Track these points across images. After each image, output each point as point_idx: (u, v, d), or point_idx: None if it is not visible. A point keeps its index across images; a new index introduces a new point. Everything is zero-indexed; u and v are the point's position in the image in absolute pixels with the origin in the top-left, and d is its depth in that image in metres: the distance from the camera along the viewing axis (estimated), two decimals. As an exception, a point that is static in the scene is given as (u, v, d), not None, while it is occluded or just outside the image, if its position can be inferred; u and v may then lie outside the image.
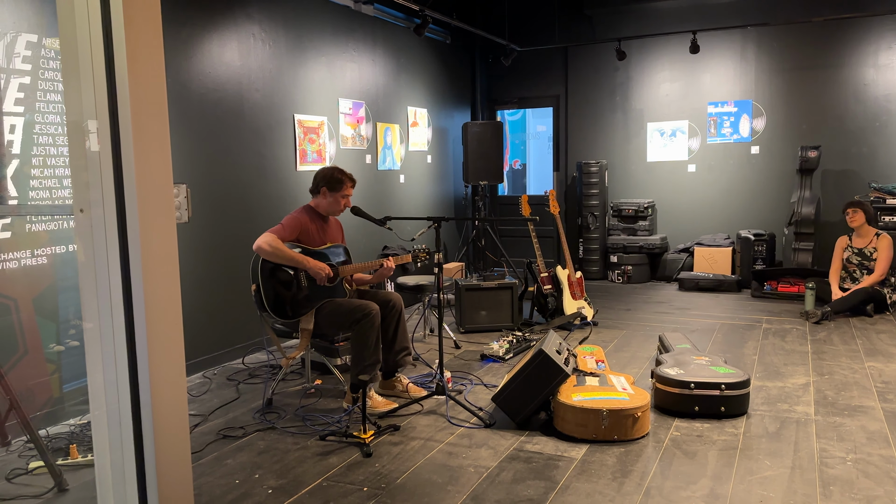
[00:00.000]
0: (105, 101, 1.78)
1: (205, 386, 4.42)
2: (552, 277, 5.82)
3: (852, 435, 3.34)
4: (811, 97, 7.46)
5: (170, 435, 1.89)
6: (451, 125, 8.42)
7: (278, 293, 3.79)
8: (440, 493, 2.86)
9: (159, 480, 1.86)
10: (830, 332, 5.35)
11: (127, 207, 1.76)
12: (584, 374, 3.77)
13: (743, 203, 7.84)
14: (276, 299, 3.78)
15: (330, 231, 4.12)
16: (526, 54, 8.54)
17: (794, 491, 2.79)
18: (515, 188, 10.87)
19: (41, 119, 3.64)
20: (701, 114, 7.94)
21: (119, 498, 1.91)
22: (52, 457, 3.02)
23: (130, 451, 1.86)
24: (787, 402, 3.83)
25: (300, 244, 3.92)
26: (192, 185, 4.65)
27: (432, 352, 4.99)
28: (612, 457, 3.16)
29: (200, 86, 4.77)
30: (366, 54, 6.68)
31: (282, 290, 3.80)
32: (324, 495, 2.86)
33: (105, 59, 1.77)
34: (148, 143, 1.79)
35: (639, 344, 5.15)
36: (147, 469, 1.86)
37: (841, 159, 7.37)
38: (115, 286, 1.80)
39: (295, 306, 3.82)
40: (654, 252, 7.89)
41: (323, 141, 6.04)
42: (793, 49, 7.49)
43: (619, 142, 8.39)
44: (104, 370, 1.89)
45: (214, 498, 2.86)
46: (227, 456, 3.29)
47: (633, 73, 8.23)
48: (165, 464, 1.87)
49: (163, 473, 1.86)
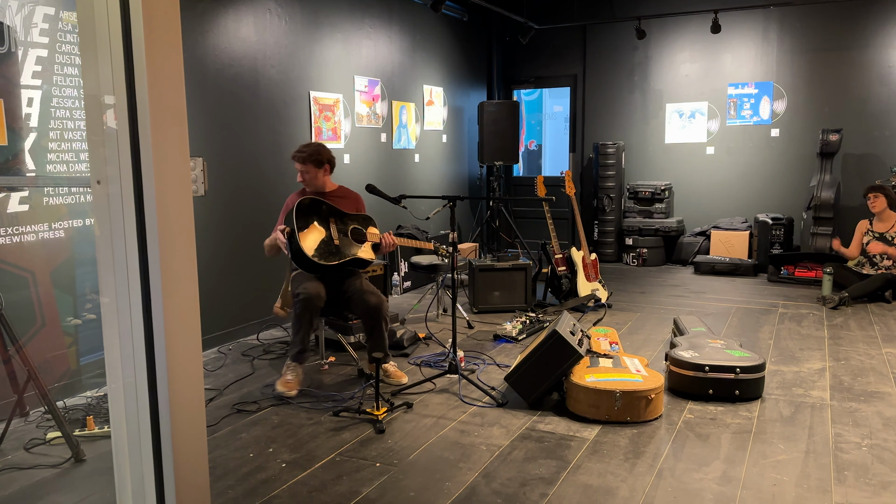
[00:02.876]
0: (122, 75, 1.77)
1: (220, 361, 4.45)
2: (566, 259, 5.79)
3: (868, 420, 3.32)
4: (834, 79, 7.33)
5: (185, 408, 1.90)
6: (467, 104, 8.36)
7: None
8: (452, 469, 2.87)
9: (175, 452, 1.87)
10: (847, 318, 5.30)
11: (144, 180, 1.75)
12: (597, 355, 3.76)
13: (761, 186, 7.74)
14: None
15: (339, 204, 4.07)
16: (544, 32, 8.44)
17: (807, 475, 2.78)
18: (531, 169, 10.81)
19: (58, 93, 3.65)
20: (721, 95, 7.83)
21: (135, 468, 1.93)
22: (69, 428, 3.06)
23: (147, 423, 1.87)
24: (802, 386, 3.80)
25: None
26: (208, 161, 4.66)
27: (445, 331, 5.00)
28: (625, 438, 3.16)
29: (216, 61, 4.76)
30: (382, 31, 6.63)
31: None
32: (337, 470, 2.88)
33: (122, 33, 1.76)
34: (165, 116, 1.78)
35: (653, 327, 5.13)
36: (163, 441, 1.88)
37: (863, 143, 7.25)
38: (132, 259, 1.80)
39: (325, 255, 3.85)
40: (671, 235, 7.83)
41: (338, 119, 6.02)
42: (816, 30, 7.35)
43: (636, 123, 8.30)
44: (121, 343, 1.90)
45: (229, 471, 2.89)
46: (241, 430, 3.32)
47: (653, 53, 8.12)
48: (181, 436, 1.89)
49: (178, 445, 1.88)
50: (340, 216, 3.99)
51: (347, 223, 4.00)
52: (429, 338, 4.84)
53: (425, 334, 4.87)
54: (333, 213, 3.97)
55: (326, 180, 4.06)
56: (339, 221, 3.98)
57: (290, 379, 3.78)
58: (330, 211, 3.96)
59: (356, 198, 4.20)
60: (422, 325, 5.13)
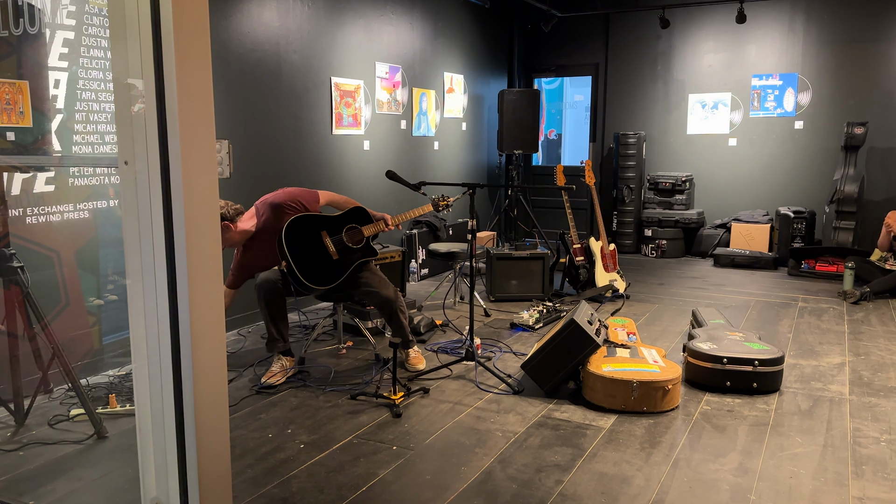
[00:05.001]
0: (151, 57, 1.79)
1: (239, 343, 4.50)
2: (585, 249, 5.78)
3: (887, 416, 3.30)
4: (860, 72, 7.22)
5: (208, 388, 1.93)
6: (487, 92, 8.33)
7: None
8: (468, 454, 2.89)
9: (198, 430, 1.91)
10: (868, 313, 5.25)
11: (171, 161, 1.78)
12: (614, 345, 3.76)
13: (784, 179, 7.66)
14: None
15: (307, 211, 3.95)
16: (566, 20, 8.38)
17: (825, 468, 2.77)
18: (550, 158, 10.77)
19: (84, 74, 3.68)
20: (744, 86, 7.74)
21: (158, 446, 1.97)
22: (92, 405, 3.12)
23: (171, 402, 1.91)
24: (821, 380, 3.78)
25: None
26: (231, 144, 4.69)
27: (462, 319, 5.01)
28: (641, 428, 3.16)
29: (239, 45, 4.78)
30: (404, 17, 6.61)
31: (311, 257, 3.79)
32: (354, 452, 2.91)
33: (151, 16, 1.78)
34: (192, 99, 1.80)
35: (671, 318, 5.11)
36: (186, 419, 1.91)
37: (888, 137, 7.15)
38: (158, 239, 1.83)
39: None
40: (690, 227, 7.78)
41: (359, 105, 6.03)
42: (843, 21, 7.23)
43: (658, 113, 8.23)
44: (146, 323, 1.93)
45: (248, 450, 2.93)
46: (260, 411, 3.37)
47: (676, 43, 8.04)
48: (204, 415, 1.92)
49: (201, 424, 1.91)
50: (329, 224, 3.86)
51: (340, 227, 3.89)
52: (446, 325, 4.85)
53: (442, 321, 4.89)
54: (321, 223, 3.84)
55: (242, 227, 3.84)
56: (330, 230, 3.85)
57: (273, 370, 3.79)
58: (317, 223, 3.82)
59: (302, 194, 4.00)
60: (439, 312, 5.15)
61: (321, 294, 4.06)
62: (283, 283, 3.80)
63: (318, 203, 4.02)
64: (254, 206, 3.98)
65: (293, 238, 3.72)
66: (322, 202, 4.06)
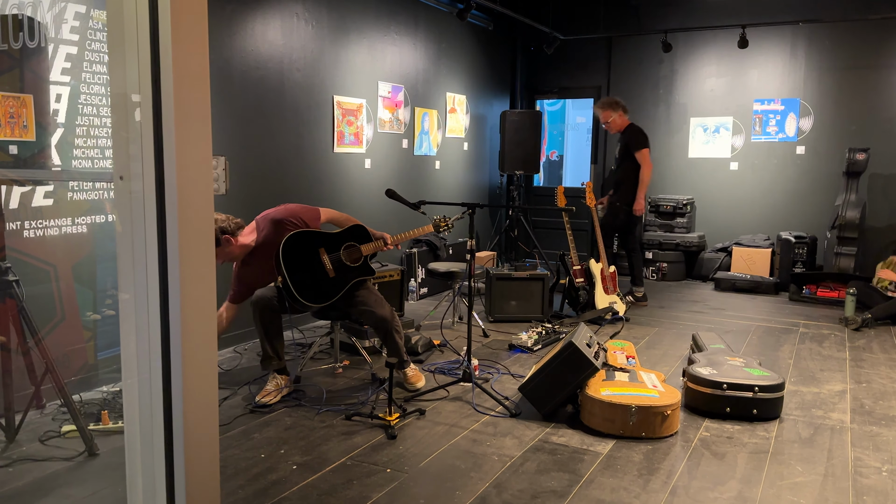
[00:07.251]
0: (148, 73, 1.78)
1: (235, 361, 4.47)
2: (585, 271, 5.75)
3: (889, 445, 3.25)
4: (862, 98, 7.24)
5: (199, 406, 1.91)
6: (490, 113, 8.36)
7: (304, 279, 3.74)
8: (463, 478, 2.85)
9: (187, 450, 1.87)
10: (870, 340, 5.20)
11: (166, 176, 1.76)
12: (613, 368, 3.72)
13: (785, 204, 7.65)
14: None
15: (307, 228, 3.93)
16: (569, 43, 8.43)
17: (825, 498, 2.72)
18: (551, 179, 10.78)
19: (86, 89, 3.69)
20: (746, 111, 7.76)
21: (147, 465, 1.93)
22: (84, 421, 3.08)
23: (160, 420, 1.88)
24: (821, 408, 3.74)
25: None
26: (231, 161, 4.69)
27: (460, 339, 4.98)
28: (639, 453, 3.11)
29: (242, 63, 4.80)
30: (407, 38, 6.65)
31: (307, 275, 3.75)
32: (347, 474, 2.87)
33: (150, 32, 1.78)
34: (189, 115, 1.79)
35: (671, 342, 5.07)
36: (175, 439, 1.88)
37: (890, 163, 7.14)
38: (152, 255, 1.81)
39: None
40: (691, 250, 7.76)
41: (361, 123, 6.05)
42: (845, 47, 7.26)
43: (660, 136, 8.24)
44: (138, 339, 1.90)
45: (240, 470, 2.89)
46: (254, 430, 3.33)
47: (678, 67, 8.07)
48: (193, 434, 1.89)
49: (190, 443, 1.88)
50: (328, 241, 3.82)
51: (338, 244, 3.85)
52: (443, 345, 4.82)
53: (440, 341, 4.86)
54: (319, 240, 3.80)
55: (242, 241, 3.81)
56: (329, 247, 3.81)
57: (268, 388, 3.75)
58: (315, 240, 3.79)
59: (303, 210, 3.97)
60: (437, 332, 5.12)
61: (318, 312, 4.04)
62: (278, 299, 3.77)
63: (318, 220, 4.00)
64: (254, 220, 3.97)
65: (290, 254, 3.70)
66: (323, 219, 4.05)
